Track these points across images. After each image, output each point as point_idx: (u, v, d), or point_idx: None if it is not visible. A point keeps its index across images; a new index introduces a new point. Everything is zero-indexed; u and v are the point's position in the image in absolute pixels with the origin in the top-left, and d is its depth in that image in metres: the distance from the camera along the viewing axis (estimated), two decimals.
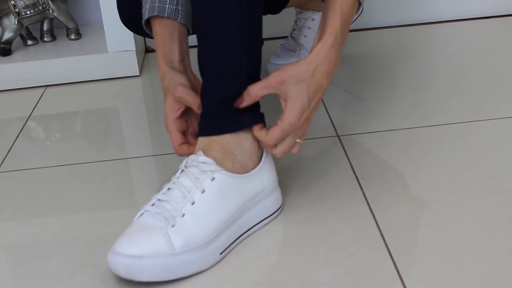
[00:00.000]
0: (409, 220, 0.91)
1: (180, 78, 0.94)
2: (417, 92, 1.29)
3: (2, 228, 0.99)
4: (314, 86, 0.86)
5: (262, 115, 0.90)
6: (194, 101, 0.91)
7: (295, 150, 0.90)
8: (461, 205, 0.93)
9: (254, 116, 0.89)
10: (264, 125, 0.90)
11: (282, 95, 0.86)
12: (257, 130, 0.88)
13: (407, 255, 0.84)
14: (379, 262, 0.83)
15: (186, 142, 0.95)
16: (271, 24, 1.33)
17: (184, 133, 0.96)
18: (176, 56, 0.96)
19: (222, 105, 0.87)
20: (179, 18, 0.95)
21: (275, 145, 0.88)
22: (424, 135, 1.13)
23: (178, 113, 0.94)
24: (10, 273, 0.89)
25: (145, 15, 0.96)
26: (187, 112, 0.95)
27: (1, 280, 0.87)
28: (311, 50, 0.87)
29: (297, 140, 0.89)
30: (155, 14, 0.95)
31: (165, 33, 0.95)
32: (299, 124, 0.86)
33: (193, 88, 0.94)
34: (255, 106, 0.89)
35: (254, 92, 0.86)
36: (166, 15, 0.94)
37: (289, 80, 0.85)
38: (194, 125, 0.96)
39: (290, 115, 0.85)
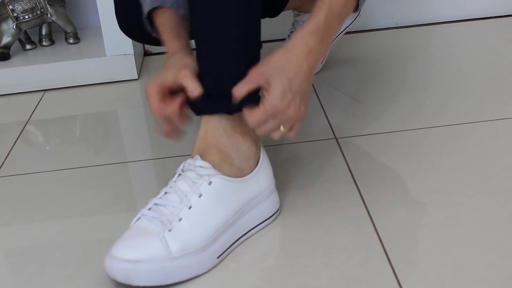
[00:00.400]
0: (407, 222, 0.91)
1: (191, 61, 0.90)
2: (415, 94, 1.29)
3: (1, 233, 0.99)
4: (293, 68, 0.85)
5: (258, 97, 0.88)
6: (193, 85, 0.87)
7: (275, 135, 0.88)
8: (459, 206, 0.93)
9: (251, 97, 0.87)
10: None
11: (265, 86, 0.85)
12: (245, 109, 0.87)
13: (405, 257, 0.84)
14: (376, 265, 0.83)
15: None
16: (269, 27, 1.32)
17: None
18: (184, 39, 0.94)
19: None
20: (180, 10, 0.94)
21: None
22: (422, 137, 1.12)
23: (165, 88, 0.89)
24: (9, 277, 0.89)
25: (148, 7, 0.95)
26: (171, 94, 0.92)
27: None
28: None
29: (281, 128, 0.87)
30: (158, 5, 0.93)
31: (171, 19, 0.94)
32: (282, 106, 0.84)
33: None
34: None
35: (238, 93, 0.85)
36: (169, 5, 0.94)
37: (268, 70, 0.85)
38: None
39: (272, 97, 0.83)
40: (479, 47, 1.50)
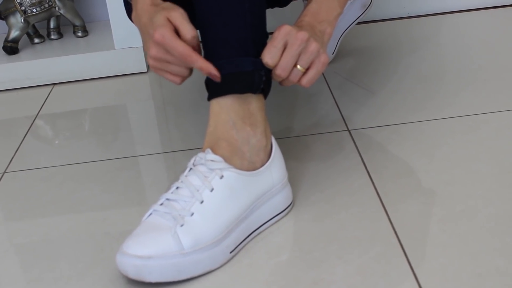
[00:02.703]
0: (423, 215, 0.89)
1: (176, 6, 0.86)
2: (428, 84, 1.27)
3: (11, 229, 0.98)
4: (308, 11, 0.89)
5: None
6: (186, 27, 0.83)
7: (292, 77, 0.86)
8: (475, 199, 0.91)
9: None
10: (264, 94, 0.89)
11: None
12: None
13: (421, 251, 0.83)
14: (392, 259, 0.82)
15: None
16: (279, 18, 1.31)
17: None
18: None
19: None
20: None
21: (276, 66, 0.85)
22: (437, 128, 1.11)
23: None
24: (19, 274, 0.88)
25: None
26: None
27: (10, 281, 0.87)
28: None
29: (299, 67, 0.86)
30: None
31: None
32: (294, 32, 0.84)
33: None
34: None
35: (270, 59, 0.85)
36: None
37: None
38: None
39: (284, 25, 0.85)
40: (491, 37, 1.48)
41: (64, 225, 0.97)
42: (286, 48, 0.85)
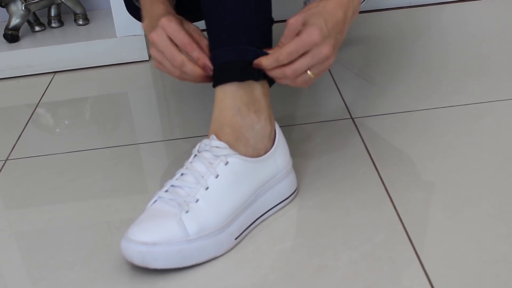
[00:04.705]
0: (427, 202, 0.89)
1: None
2: (431, 73, 1.26)
3: (14, 216, 0.98)
4: (329, 13, 0.83)
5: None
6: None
7: (299, 81, 0.85)
8: (479, 186, 0.91)
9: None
10: (269, 81, 0.88)
11: (301, 29, 0.83)
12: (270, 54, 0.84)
13: (426, 238, 0.82)
14: (397, 246, 0.81)
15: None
16: (281, 5, 1.31)
17: None
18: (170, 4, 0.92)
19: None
20: None
21: (285, 67, 0.84)
22: (440, 116, 1.10)
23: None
24: (23, 260, 0.88)
25: None
26: None
27: (14, 268, 0.86)
28: None
29: (309, 73, 0.84)
30: None
31: None
32: (317, 39, 0.81)
33: None
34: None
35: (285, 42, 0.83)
36: None
37: (304, 15, 0.83)
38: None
39: (310, 29, 0.81)
40: (494, 25, 1.48)
41: (67, 212, 0.97)
42: (305, 54, 0.82)
